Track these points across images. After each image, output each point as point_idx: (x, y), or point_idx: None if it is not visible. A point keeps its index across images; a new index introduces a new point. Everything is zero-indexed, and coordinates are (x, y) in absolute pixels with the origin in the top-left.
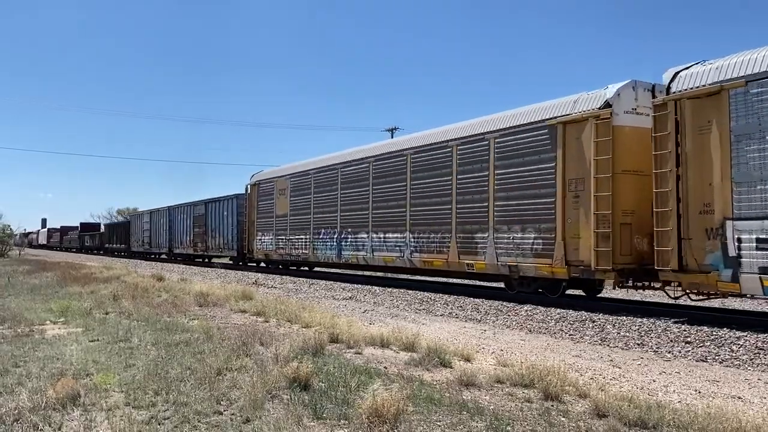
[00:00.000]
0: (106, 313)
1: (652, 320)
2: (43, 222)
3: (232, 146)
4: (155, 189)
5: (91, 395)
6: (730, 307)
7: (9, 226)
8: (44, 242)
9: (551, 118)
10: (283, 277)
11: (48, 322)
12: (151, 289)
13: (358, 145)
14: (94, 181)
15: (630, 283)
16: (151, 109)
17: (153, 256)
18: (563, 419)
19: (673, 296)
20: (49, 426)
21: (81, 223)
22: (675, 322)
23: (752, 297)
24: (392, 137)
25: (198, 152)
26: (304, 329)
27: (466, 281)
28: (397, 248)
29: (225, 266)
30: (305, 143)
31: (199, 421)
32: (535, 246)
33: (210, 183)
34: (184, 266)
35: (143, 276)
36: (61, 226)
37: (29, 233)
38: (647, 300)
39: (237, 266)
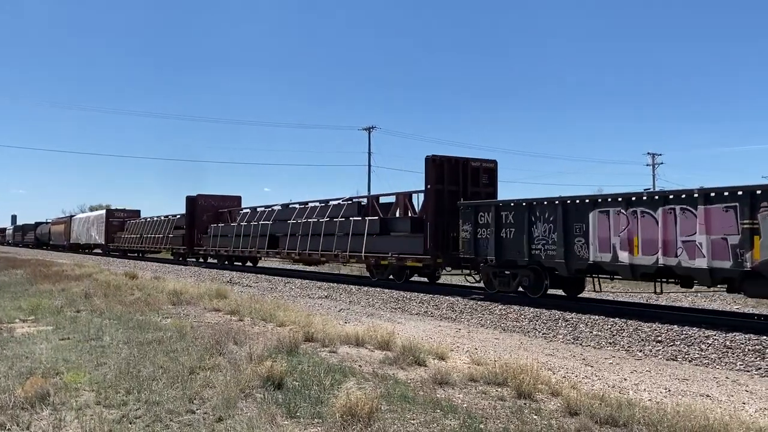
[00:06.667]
0: (78, 312)
1: (623, 320)
2: (13, 218)
3: (202, 144)
4: (129, 186)
5: (61, 394)
6: (699, 307)
7: None
8: (100, 241)
9: None
10: (258, 275)
11: (17, 320)
12: (124, 287)
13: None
14: (65, 178)
15: None
16: (126, 104)
17: None
18: (535, 417)
19: None
20: (17, 425)
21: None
22: (646, 322)
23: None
24: (369, 136)
25: (179, 150)
26: (278, 328)
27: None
28: None
29: None
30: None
31: (171, 420)
32: None
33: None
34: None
35: (116, 274)
36: (199, 195)
37: (58, 220)
38: (619, 300)
39: None
